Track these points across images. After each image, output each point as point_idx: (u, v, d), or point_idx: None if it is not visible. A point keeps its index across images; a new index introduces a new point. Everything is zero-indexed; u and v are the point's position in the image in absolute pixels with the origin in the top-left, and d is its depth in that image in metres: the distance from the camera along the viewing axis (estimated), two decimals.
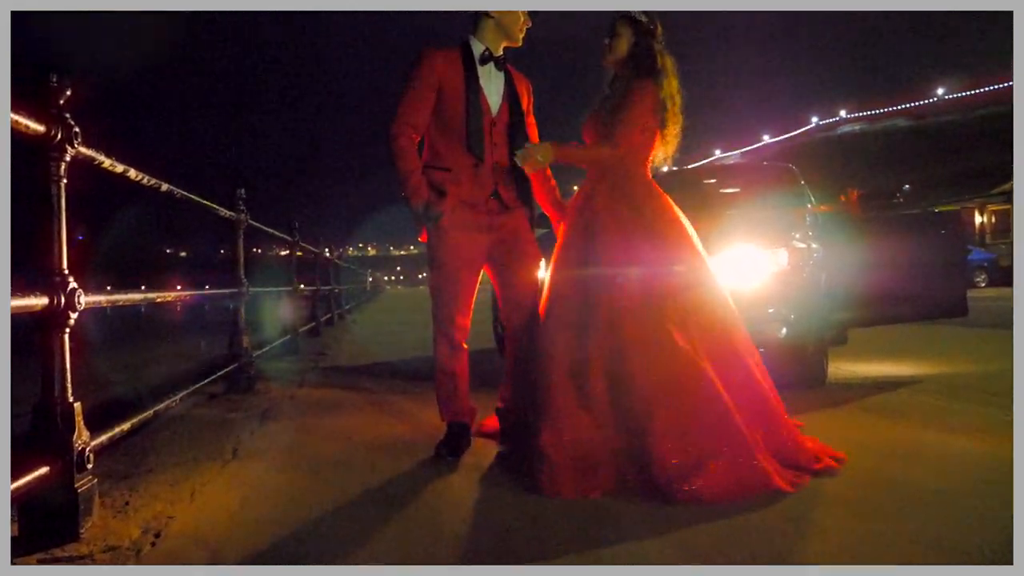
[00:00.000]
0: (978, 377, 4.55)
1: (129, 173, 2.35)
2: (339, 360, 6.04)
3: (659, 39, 2.67)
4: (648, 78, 2.61)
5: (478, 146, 2.57)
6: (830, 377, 4.43)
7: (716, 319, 2.52)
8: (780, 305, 3.65)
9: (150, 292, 2.57)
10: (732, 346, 2.50)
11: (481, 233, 2.63)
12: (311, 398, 4.04)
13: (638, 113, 2.59)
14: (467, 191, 2.60)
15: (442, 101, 2.59)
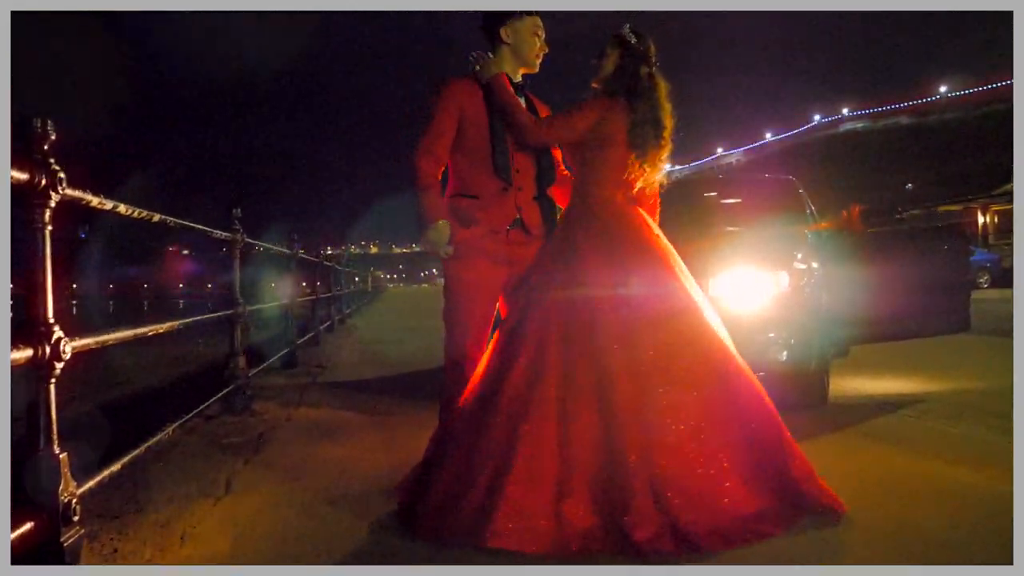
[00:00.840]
0: (982, 395, 4.51)
1: (119, 208, 2.32)
2: (338, 373, 6.01)
3: (650, 61, 2.58)
4: (615, 97, 2.52)
5: (505, 171, 2.57)
6: (832, 395, 4.39)
7: (703, 351, 2.38)
8: (781, 328, 3.62)
9: (140, 327, 2.54)
10: (722, 377, 2.38)
11: (501, 266, 2.60)
12: (308, 420, 4.00)
13: (577, 118, 2.51)
14: (494, 217, 2.58)
15: (465, 129, 2.58)
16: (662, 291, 2.39)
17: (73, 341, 1.93)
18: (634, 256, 2.43)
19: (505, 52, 2.64)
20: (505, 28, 2.63)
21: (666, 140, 2.57)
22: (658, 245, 2.51)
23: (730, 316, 3.62)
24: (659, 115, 2.54)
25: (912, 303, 4.77)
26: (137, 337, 2.47)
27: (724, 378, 2.38)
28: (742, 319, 3.62)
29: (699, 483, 2.11)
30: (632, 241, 2.47)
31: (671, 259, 2.50)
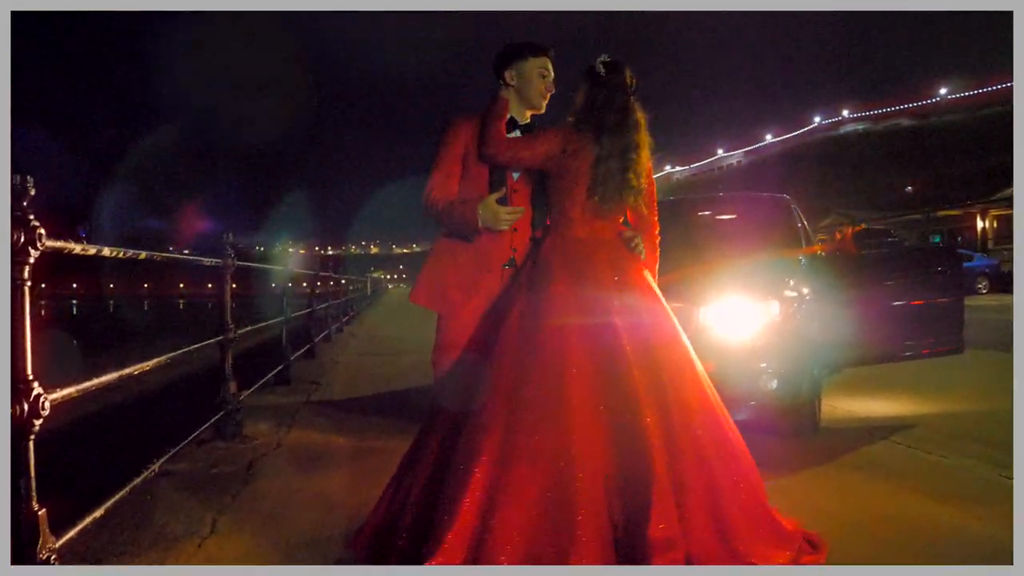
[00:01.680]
0: (977, 420, 4.49)
1: (103, 252, 2.31)
2: (332, 390, 6.00)
3: (620, 94, 2.49)
4: (583, 131, 2.46)
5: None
6: (824, 418, 4.39)
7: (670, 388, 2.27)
8: (772, 358, 3.61)
9: (125, 368, 2.53)
10: (689, 422, 2.25)
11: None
12: (298, 447, 3.99)
13: (539, 141, 2.47)
14: (489, 256, 2.57)
15: (468, 168, 2.58)
16: (611, 328, 2.30)
17: (53, 393, 1.92)
18: (588, 290, 2.37)
19: (511, 94, 2.62)
20: (509, 70, 2.61)
21: (635, 178, 2.47)
22: (612, 280, 2.41)
23: (721, 345, 3.64)
24: (627, 153, 2.46)
25: (905, 325, 4.78)
26: (121, 379, 2.46)
27: (700, 411, 2.30)
28: (734, 349, 3.62)
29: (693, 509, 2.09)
30: (586, 276, 2.39)
31: (629, 294, 2.39)
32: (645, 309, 2.38)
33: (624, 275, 2.43)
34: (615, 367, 2.22)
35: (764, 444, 3.87)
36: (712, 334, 3.64)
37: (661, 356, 2.30)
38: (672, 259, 4.30)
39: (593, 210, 2.46)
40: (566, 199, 2.49)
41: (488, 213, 2.45)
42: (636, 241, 2.52)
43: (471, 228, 2.50)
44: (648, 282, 2.48)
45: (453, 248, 2.60)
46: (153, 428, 4.41)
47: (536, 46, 2.61)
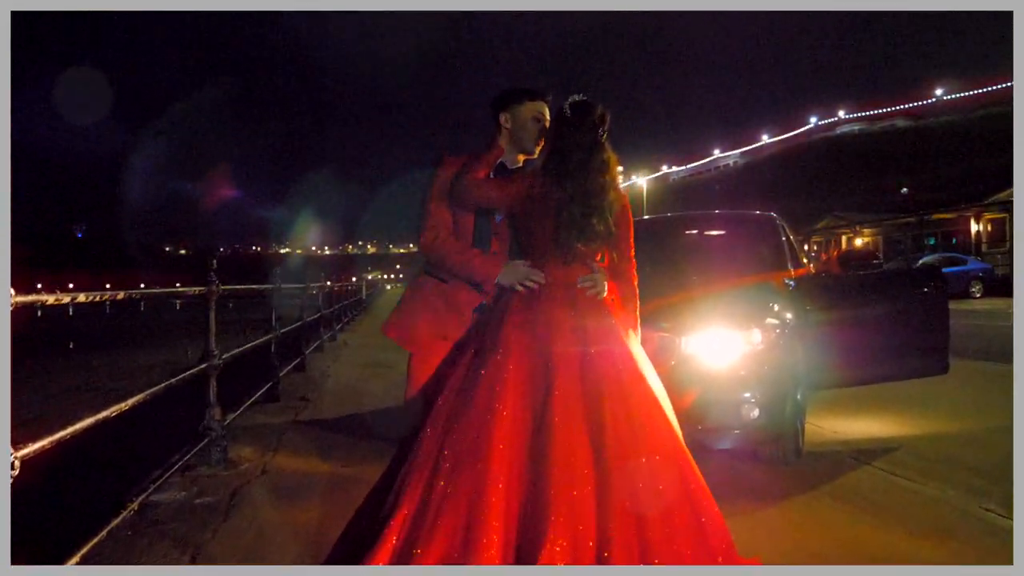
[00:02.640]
0: (962, 443, 4.50)
1: (79, 298, 2.32)
2: (321, 408, 6.00)
3: (588, 136, 2.46)
4: (548, 173, 2.45)
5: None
6: (808, 439, 4.40)
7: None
8: (754, 388, 3.61)
9: (102, 411, 2.53)
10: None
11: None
12: (283, 473, 4.00)
13: (504, 183, 2.48)
14: (460, 300, 2.59)
15: (453, 210, 2.60)
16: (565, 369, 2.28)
17: (25, 448, 1.93)
18: (540, 330, 2.36)
19: (505, 137, 2.64)
20: (504, 113, 2.63)
21: (599, 223, 2.43)
22: (567, 321, 2.37)
23: (704, 375, 3.65)
24: (590, 199, 2.42)
25: (890, 347, 4.80)
26: (97, 423, 2.46)
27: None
28: (716, 378, 3.63)
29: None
30: (537, 320, 2.38)
31: (583, 335, 2.36)
32: (600, 350, 2.33)
33: (581, 317, 2.40)
34: (552, 408, 2.19)
35: (745, 472, 3.90)
36: (694, 363, 3.65)
37: (612, 396, 2.24)
38: (655, 284, 4.34)
39: (557, 254, 2.45)
40: (531, 242, 2.50)
41: (509, 269, 2.47)
42: (594, 285, 2.45)
43: (483, 281, 2.51)
44: (607, 323, 2.42)
45: (427, 287, 2.63)
46: (137, 450, 4.41)
47: (532, 91, 2.63)
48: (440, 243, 2.53)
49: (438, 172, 2.60)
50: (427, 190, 2.61)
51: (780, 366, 3.74)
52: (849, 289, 4.71)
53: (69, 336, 30.17)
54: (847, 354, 4.63)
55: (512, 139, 2.63)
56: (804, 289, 4.56)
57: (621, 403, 2.25)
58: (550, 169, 2.47)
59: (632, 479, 2.15)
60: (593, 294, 2.46)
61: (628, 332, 2.50)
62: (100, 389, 9.17)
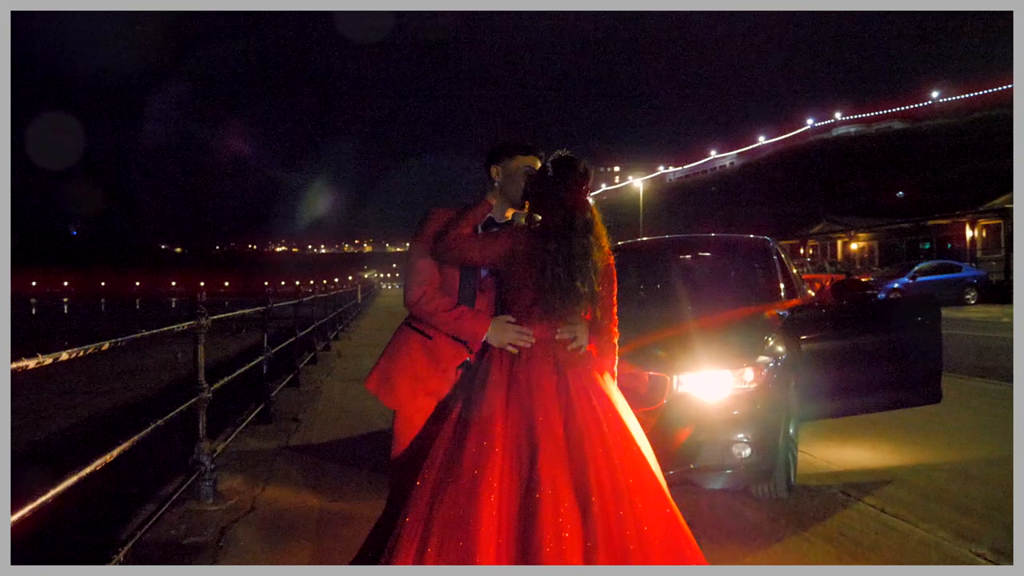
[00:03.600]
0: (955, 476, 4.48)
1: (61, 357, 2.29)
2: (313, 431, 5.96)
3: (571, 194, 2.42)
4: (533, 231, 2.42)
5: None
6: (799, 470, 4.40)
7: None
8: (746, 427, 3.60)
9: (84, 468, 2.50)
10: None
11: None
12: (273, 509, 3.97)
13: (489, 241, 2.44)
14: (444, 355, 2.56)
15: (442, 264, 2.57)
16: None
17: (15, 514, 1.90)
18: (522, 391, 2.35)
19: (496, 191, 2.62)
20: (496, 166, 2.61)
21: (583, 286, 2.39)
22: (550, 381, 2.36)
23: (696, 415, 3.64)
24: (574, 261, 2.38)
25: (884, 377, 4.79)
26: (80, 479, 2.43)
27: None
28: (708, 418, 3.62)
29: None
30: (519, 379, 2.37)
31: (565, 395, 2.34)
32: (583, 408, 2.32)
33: (564, 375, 2.39)
34: (538, 472, 2.18)
35: (736, 509, 3.88)
36: (686, 403, 3.64)
37: (597, 457, 2.22)
38: (648, 315, 4.33)
39: (541, 313, 2.43)
40: (516, 299, 2.48)
41: (498, 330, 2.45)
42: (575, 338, 2.43)
43: (470, 340, 2.48)
44: (589, 380, 2.41)
45: (412, 341, 2.60)
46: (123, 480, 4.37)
47: (525, 146, 2.61)
48: (427, 300, 2.50)
49: (425, 226, 2.58)
50: (414, 244, 2.59)
51: (773, 405, 3.72)
52: (843, 319, 4.71)
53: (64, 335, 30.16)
54: (840, 385, 4.62)
55: (503, 193, 2.61)
56: (798, 320, 4.54)
57: (606, 464, 2.24)
58: (534, 229, 2.44)
59: (619, 541, 2.14)
60: (574, 348, 2.45)
61: (607, 381, 2.48)
62: (94, 392, 9.15)
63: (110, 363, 16.71)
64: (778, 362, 3.85)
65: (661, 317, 4.11)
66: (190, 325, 3.84)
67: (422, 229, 2.58)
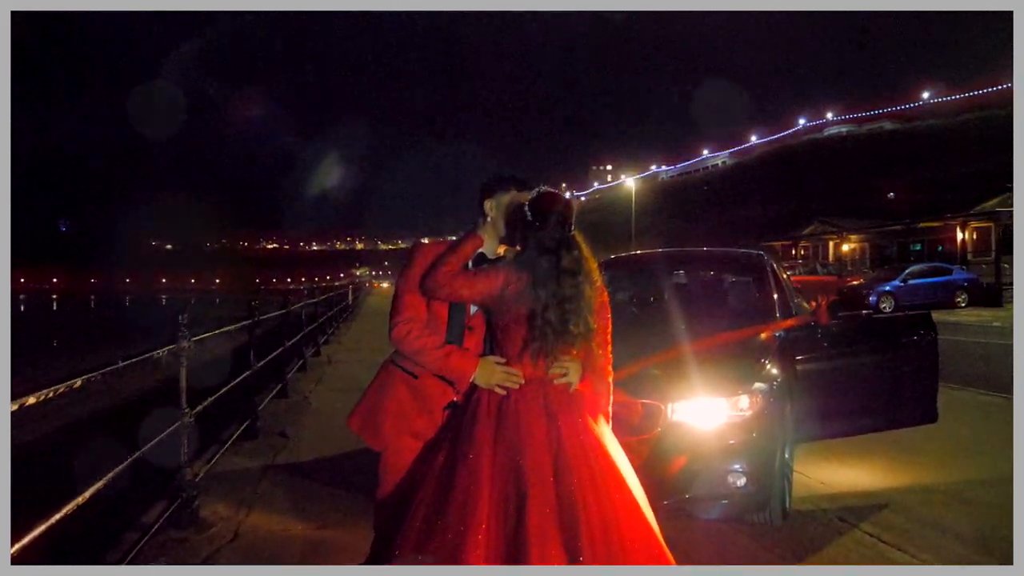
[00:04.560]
0: (950, 500, 4.43)
1: (28, 401, 2.20)
2: (300, 447, 5.85)
3: (558, 229, 2.34)
4: (523, 273, 2.33)
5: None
6: (795, 492, 4.32)
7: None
8: (742, 457, 3.54)
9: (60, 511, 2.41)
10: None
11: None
12: (256, 536, 3.87)
13: (480, 278, 2.36)
14: (431, 395, 2.47)
15: (429, 301, 2.48)
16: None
17: None
18: (511, 435, 2.27)
19: (488, 226, 2.54)
20: (490, 200, 2.53)
21: (576, 327, 2.31)
22: (541, 425, 2.28)
23: (690, 444, 3.57)
24: (565, 304, 2.30)
25: (880, 397, 4.74)
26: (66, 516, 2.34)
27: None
28: (703, 447, 3.55)
29: None
30: (506, 423, 2.29)
31: (557, 440, 2.26)
32: (573, 450, 2.24)
33: (554, 416, 2.30)
34: (527, 518, 2.11)
35: (730, 538, 3.80)
36: (681, 431, 3.56)
37: (587, 502, 2.15)
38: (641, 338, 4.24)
39: (532, 354, 2.34)
40: (506, 338, 2.40)
41: (485, 371, 2.36)
42: (565, 374, 2.35)
43: (457, 380, 2.40)
44: (580, 421, 2.32)
45: (397, 380, 2.51)
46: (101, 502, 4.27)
47: (520, 180, 2.52)
48: (414, 338, 2.41)
49: (414, 260, 2.49)
50: (402, 279, 2.50)
51: (769, 432, 3.65)
52: (838, 339, 4.64)
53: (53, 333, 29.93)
54: (836, 406, 4.57)
55: (495, 228, 2.53)
56: (793, 340, 4.48)
57: (599, 517, 2.17)
58: (522, 273, 2.36)
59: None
60: (564, 384, 2.37)
61: (601, 427, 2.41)
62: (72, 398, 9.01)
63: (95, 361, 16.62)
64: (774, 388, 3.78)
65: (654, 339, 4.02)
66: (171, 348, 3.73)
67: (410, 264, 2.49)
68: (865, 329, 4.79)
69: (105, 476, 2.82)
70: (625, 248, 54.92)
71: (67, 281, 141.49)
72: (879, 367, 4.73)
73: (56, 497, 2.65)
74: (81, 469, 3.48)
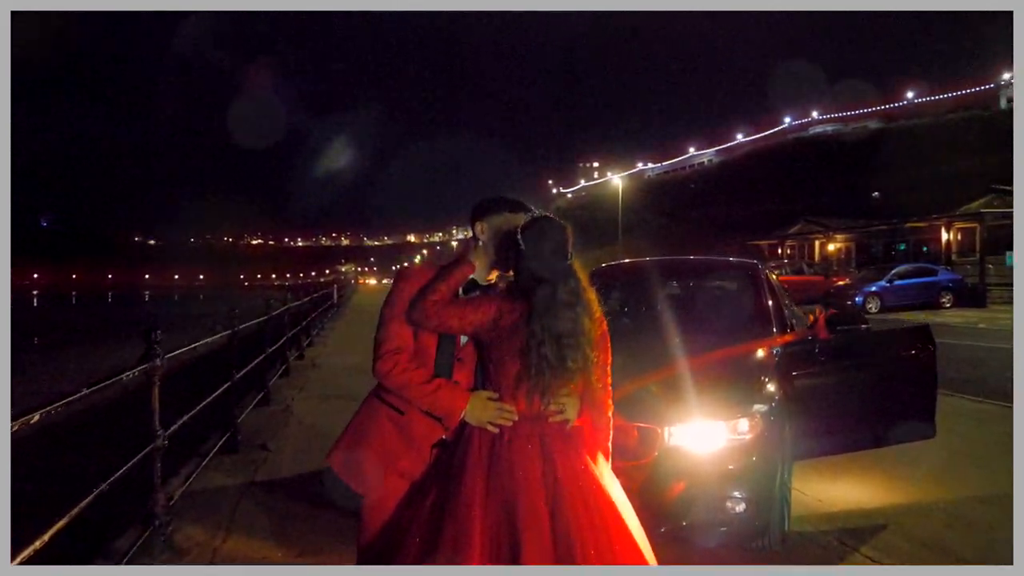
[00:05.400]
0: (948, 519, 4.33)
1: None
2: (281, 461, 5.66)
3: (554, 256, 2.17)
4: (518, 301, 2.18)
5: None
6: (792, 512, 4.20)
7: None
8: (742, 483, 3.40)
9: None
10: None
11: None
12: (235, 561, 3.70)
13: (470, 308, 2.20)
14: (417, 434, 2.30)
15: (415, 331, 2.31)
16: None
17: None
18: (504, 479, 2.12)
19: (479, 250, 2.37)
20: (482, 223, 2.36)
21: (575, 362, 2.15)
22: (535, 467, 2.13)
23: (688, 469, 3.42)
24: (563, 339, 2.13)
25: (878, 413, 4.62)
26: None
27: None
28: (701, 473, 3.41)
29: None
30: (499, 466, 2.14)
31: (552, 483, 2.12)
32: (570, 492, 2.10)
33: (550, 457, 2.15)
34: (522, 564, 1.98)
35: (728, 564, 3.67)
36: (678, 456, 3.42)
37: (584, 546, 2.03)
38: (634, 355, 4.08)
39: (527, 390, 2.18)
40: (499, 372, 2.23)
41: (477, 407, 2.19)
42: (562, 411, 2.20)
43: (446, 416, 2.24)
44: (578, 461, 2.18)
45: (381, 416, 2.34)
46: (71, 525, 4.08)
47: (514, 203, 2.35)
48: (400, 371, 2.25)
49: (400, 287, 2.32)
50: (388, 306, 2.33)
51: (769, 456, 3.52)
52: (836, 354, 4.51)
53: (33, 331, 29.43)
54: (835, 422, 4.45)
55: (487, 253, 2.36)
56: (791, 355, 4.35)
57: (595, 556, 2.04)
58: (516, 304, 2.20)
59: None
60: (561, 420, 2.22)
61: (600, 467, 2.26)
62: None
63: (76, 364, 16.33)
64: (774, 408, 3.64)
65: (648, 356, 3.87)
66: (143, 368, 3.55)
67: (397, 290, 2.33)
68: (864, 344, 4.66)
69: (68, 513, 2.63)
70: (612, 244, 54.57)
71: (48, 277, 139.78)
72: (878, 383, 4.61)
73: (15, 531, 2.47)
74: (46, 497, 3.30)
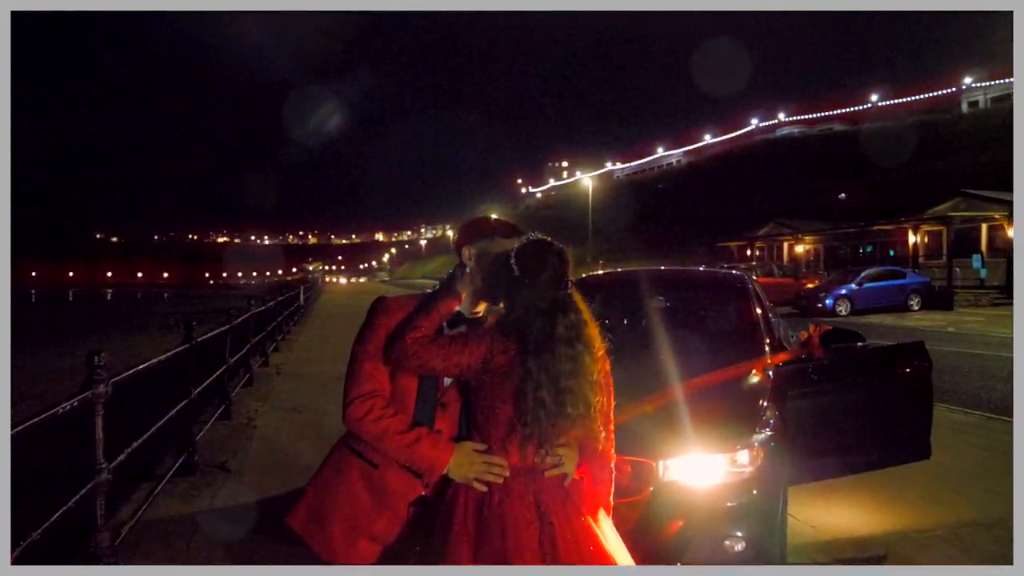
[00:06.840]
0: (948, 547, 4.17)
1: None
2: (242, 485, 5.28)
3: (552, 288, 1.91)
4: (510, 339, 1.91)
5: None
6: (789, 537, 3.97)
7: None
8: (741, 520, 3.15)
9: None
10: None
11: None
12: None
13: (457, 348, 1.91)
14: (392, 491, 2.00)
15: (391, 371, 2.01)
16: None
17: None
18: (496, 546, 1.85)
19: (466, 278, 2.08)
20: (469, 247, 2.07)
21: (575, 408, 1.89)
22: (531, 534, 1.87)
23: (684, 506, 3.16)
24: (561, 380, 1.87)
25: (874, 433, 4.43)
26: None
27: None
28: (698, 510, 3.15)
29: None
30: (491, 531, 1.87)
31: (549, 547, 1.86)
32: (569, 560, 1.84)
33: (547, 519, 1.88)
34: None
35: None
36: (674, 492, 3.16)
37: None
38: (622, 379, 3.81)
39: (521, 441, 1.91)
40: (488, 422, 1.94)
41: (462, 461, 1.91)
42: (559, 465, 1.94)
43: (426, 471, 1.94)
44: (578, 523, 1.91)
45: (352, 470, 2.03)
46: None
47: (506, 227, 2.06)
48: (374, 419, 1.94)
49: (376, 321, 2.02)
50: (360, 343, 2.02)
51: (770, 490, 3.28)
52: (831, 374, 4.30)
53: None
54: (829, 445, 4.25)
55: (474, 281, 2.07)
56: (785, 375, 4.12)
57: None
58: (511, 335, 1.91)
59: None
60: (558, 474, 1.94)
61: (603, 526, 1.98)
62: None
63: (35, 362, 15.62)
64: (774, 437, 3.41)
65: (637, 381, 3.60)
66: (83, 398, 3.18)
67: (371, 325, 2.02)
68: (858, 362, 4.46)
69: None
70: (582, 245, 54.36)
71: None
72: (873, 403, 4.41)
73: None
74: None
